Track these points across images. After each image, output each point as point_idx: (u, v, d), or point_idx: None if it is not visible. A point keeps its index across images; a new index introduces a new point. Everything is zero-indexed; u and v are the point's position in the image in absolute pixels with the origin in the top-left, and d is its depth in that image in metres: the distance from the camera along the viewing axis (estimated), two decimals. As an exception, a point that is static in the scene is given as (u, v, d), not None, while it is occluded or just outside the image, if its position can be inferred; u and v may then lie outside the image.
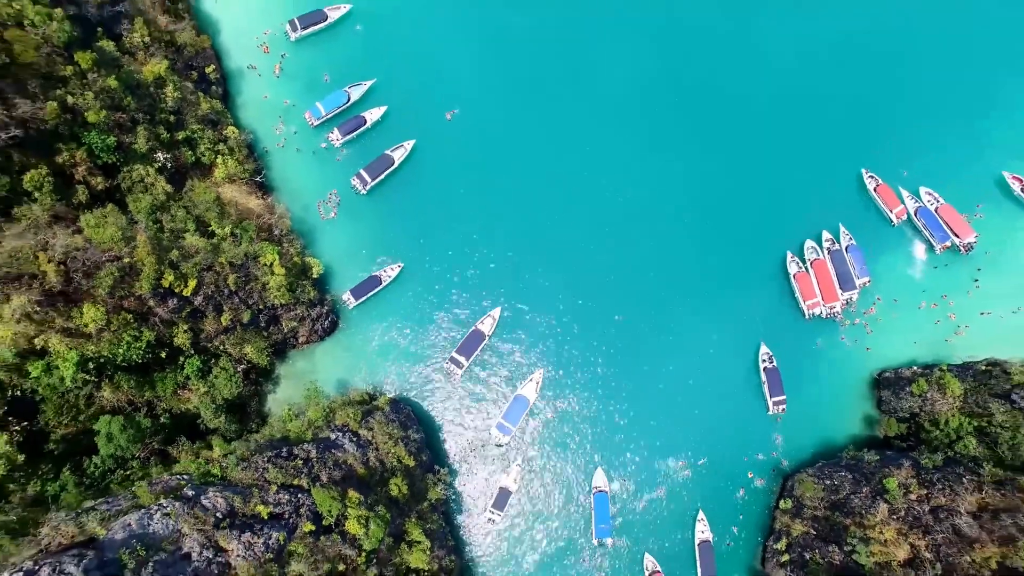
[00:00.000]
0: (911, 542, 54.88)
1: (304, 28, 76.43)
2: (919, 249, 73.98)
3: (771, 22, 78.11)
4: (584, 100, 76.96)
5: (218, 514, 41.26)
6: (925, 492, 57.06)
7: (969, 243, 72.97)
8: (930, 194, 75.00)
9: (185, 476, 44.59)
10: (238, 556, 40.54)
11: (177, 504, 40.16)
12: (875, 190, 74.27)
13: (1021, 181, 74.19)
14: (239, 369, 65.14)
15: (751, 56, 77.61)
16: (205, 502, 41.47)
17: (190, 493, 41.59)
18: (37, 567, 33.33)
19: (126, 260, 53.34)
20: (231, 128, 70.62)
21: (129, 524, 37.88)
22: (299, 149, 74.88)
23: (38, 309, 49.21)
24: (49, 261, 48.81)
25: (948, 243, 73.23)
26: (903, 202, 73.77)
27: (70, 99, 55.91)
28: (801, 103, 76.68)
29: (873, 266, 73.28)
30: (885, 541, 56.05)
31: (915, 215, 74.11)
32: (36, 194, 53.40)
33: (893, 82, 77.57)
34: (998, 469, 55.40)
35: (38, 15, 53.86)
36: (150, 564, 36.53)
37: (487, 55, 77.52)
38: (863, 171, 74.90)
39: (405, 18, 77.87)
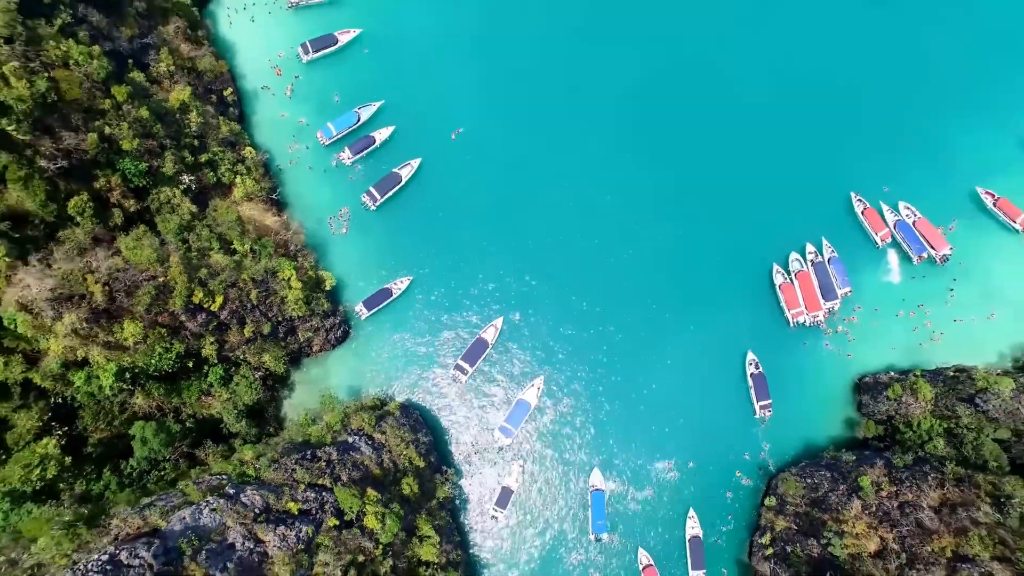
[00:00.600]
0: (880, 535, 61.80)
1: (315, 51, 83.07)
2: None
3: (763, 51, 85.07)
4: (582, 120, 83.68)
5: (256, 510, 48.11)
6: (895, 489, 63.97)
7: (945, 255, 79.72)
8: (908, 208, 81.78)
9: (224, 476, 51.43)
10: (274, 547, 47.41)
11: (221, 501, 47.03)
12: (863, 213, 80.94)
13: (993, 196, 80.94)
14: (257, 376, 71.93)
15: (744, 80, 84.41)
16: (244, 499, 48.33)
17: (231, 491, 48.47)
18: (117, 551, 40.18)
19: (161, 279, 60.06)
20: (248, 149, 77.26)
21: (184, 517, 44.73)
22: (311, 167, 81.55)
23: (85, 325, 55.82)
24: (96, 282, 55.47)
25: (925, 255, 79.99)
26: (888, 226, 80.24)
27: (107, 129, 62.54)
28: (789, 124, 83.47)
29: (854, 277, 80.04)
30: (857, 534, 62.94)
31: (894, 228, 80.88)
32: (78, 218, 60.12)
33: (877, 105, 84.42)
34: (959, 467, 62.35)
35: (81, 55, 60.37)
36: (203, 552, 43.37)
37: (489, 77, 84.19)
38: (852, 194, 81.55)
39: (411, 42, 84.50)
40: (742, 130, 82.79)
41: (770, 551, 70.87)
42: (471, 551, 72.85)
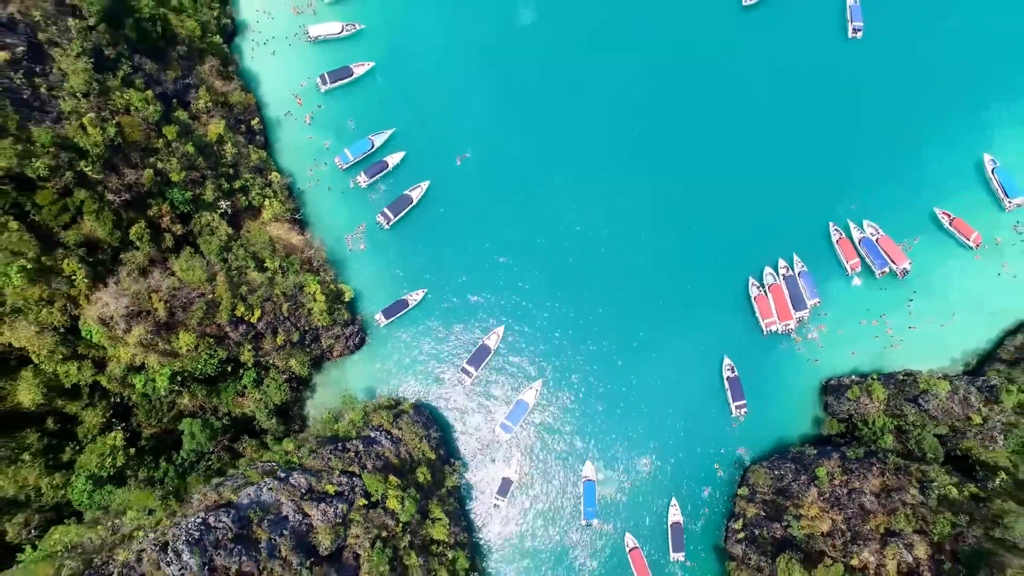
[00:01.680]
0: (831, 517, 75.66)
1: (332, 82, 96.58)
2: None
3: (745, 88, 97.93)
4: (579, 146, 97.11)
5: (302, 490, 61.88)
6: (846, 478, 77.82)
7: (904, 269, 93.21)
8: (872, 226, 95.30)
9: (274, 463, 65.28)
10: (318, 520, 61.18)
11: (276, 482, 60.81)
12: (837, 242, 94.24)
13: (949, 216, 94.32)
14: (284, 379, 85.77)
15: (728, 114, 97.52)
16: (292, 481, 62.12)
17: (282, 475, 62.26)
18: (207, 516, 54.00)
19: (209, 296, 73.84)
20: (274, 173, 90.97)
21: (249, 494, 58.46)
22: (330, 188, 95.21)
23: (149, 336, 69.60)
24: (159, 300, 69.23)
25: (886, 269, 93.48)
26: (859, 256, 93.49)
27: (160, 164, 76.22)
28: (766, 152, 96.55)
29: (822, 289, 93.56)
30: (812, 517, 76.77)
31: (859, 244, 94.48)
32: (138, 243, 73.95)
33: (849, 134, 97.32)
34: (900, 459, 76.25)
35: (140, 101, 73.93)
36: (265, 520, 57.13)
37: (490, 108, 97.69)
38: (830, 224, 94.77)
39: (421, 74, 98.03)
40: (721, 162, 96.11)
41: (742, 535, 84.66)
42: (476, 533, 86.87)
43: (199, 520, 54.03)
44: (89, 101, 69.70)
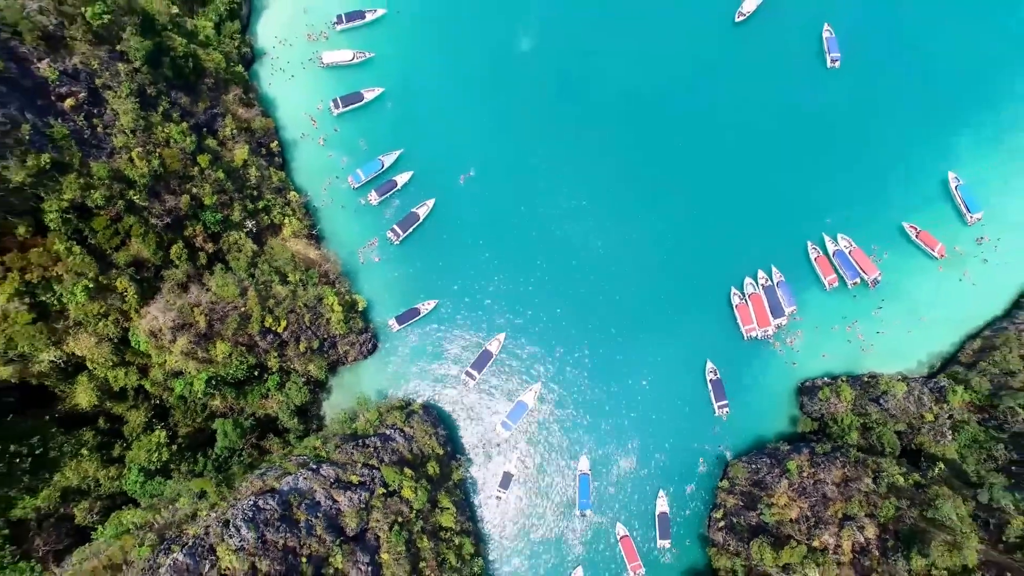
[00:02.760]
0: (798, 505, 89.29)
1: (345, 106, 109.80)
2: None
3: (727, 116, 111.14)
4: (574, 165, 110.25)
5: (331, 479, 75.34)
6: (813, 471, 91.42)
7: (875, 279, 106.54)
8: (846, 239, 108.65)
9: (305, 456, 78.85)
10: (345, 505, 74.68)
11: (309, 472, 74.33)
12: (815, 260, 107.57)
13: (916, 229, 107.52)
14: (304, 382, 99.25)
15: (713, 134, 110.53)
16: (323, 472, 75.66)
17: (314, 467, 75.81)
18: (256, 500, 67.49)
19: (242, 309, 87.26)
20: (293, 193, 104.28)
21: (289, 482, 71.94)
22: (343, 206, 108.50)
23: (191, 346, 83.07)
24: (200, 313, 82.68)
25: (858, 279, 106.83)
26: (836, 273, 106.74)
27: (194, 190, 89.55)
28: (747, 170, 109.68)
29: (799, 298, 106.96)
30: (782, 506, 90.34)
31: (833, 256, 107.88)
32: (177, 261, 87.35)
33: (824, 152, 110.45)
34: (860, 452, 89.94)
35: (179, 134, 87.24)
36: (303, 504, 70.63)
37: (492, 130, 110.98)
38: (808, 243, 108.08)
39: (427, 99, 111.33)
40: (706, 180, 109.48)
41: (722, 523, 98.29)
42: (479, 522, 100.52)
43: (251, 503, 67.51)
44: (136, 136, 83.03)
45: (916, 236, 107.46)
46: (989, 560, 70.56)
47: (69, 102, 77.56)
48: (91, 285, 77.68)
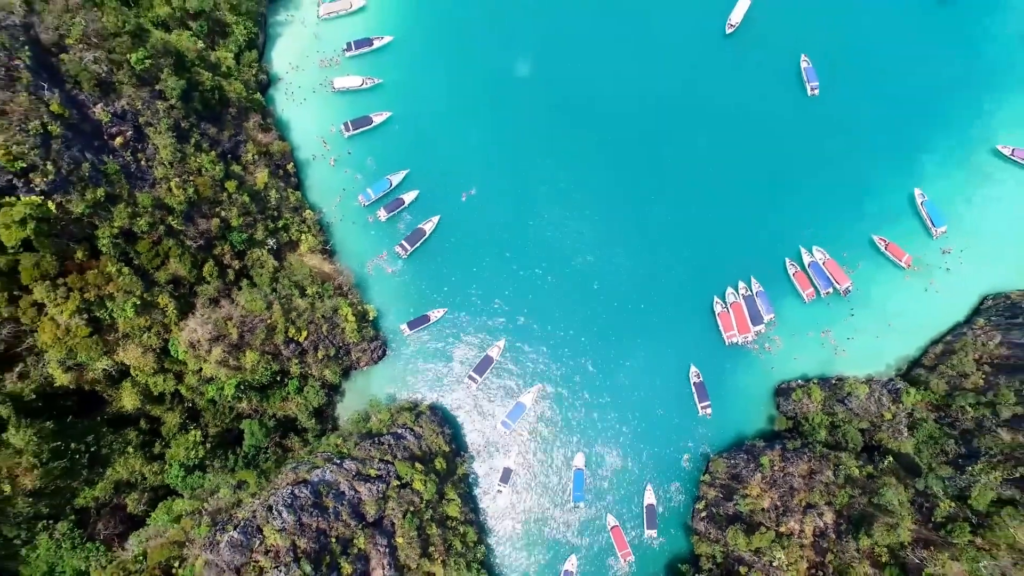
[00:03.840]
0: (769, 496, 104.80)
1: (355, 129, 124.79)
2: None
3: (718, 133, 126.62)
4: (567, 183, 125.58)
5: (352, 472, 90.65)
6: (783, 465, 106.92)
7: (847, 288, 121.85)
8: (821, 252, 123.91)
9: (329, 452, 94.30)
10: (365, 495, 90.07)
11: (334, 466, 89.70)
12: (794, 275, 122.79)
13: (885, 241, 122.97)
14: (320, 385, 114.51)
15: (699, 156, 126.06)
16: (345, 466, 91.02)
17: (337, 461, 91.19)
18: (292, 488, 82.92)
19: (268, 321, 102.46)
20: (308, 211, 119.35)
21: (318, 475, 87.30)
22: (354, 222, 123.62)
23: (224, 355, 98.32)
24: (233, 326, 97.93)
25: (831, 289, 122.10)
26: (814, 287, 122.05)
27: (223, 213, 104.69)
28: (729, 188, 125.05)
29: (777, 306, 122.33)
30: (755, 496, 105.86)
31: (808, 267, 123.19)
32: (209, 278, 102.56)
33: (801, 172, 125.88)
34: (824, 448, 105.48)
35: (209, 163, 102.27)
36: (330, 494, 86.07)
37: (491, 149, 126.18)
38: (787, 260, 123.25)
39: (431, 122, 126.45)
40: (690, 199, 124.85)
41: (704, 514, 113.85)
42: (482, 514, 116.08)
43: (289, 491, 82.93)
44: (174, 168, 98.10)
45: (885, 248, 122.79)
46: (919, 537, 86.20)
47: (118, 140, 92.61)
48: (138, 302, 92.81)
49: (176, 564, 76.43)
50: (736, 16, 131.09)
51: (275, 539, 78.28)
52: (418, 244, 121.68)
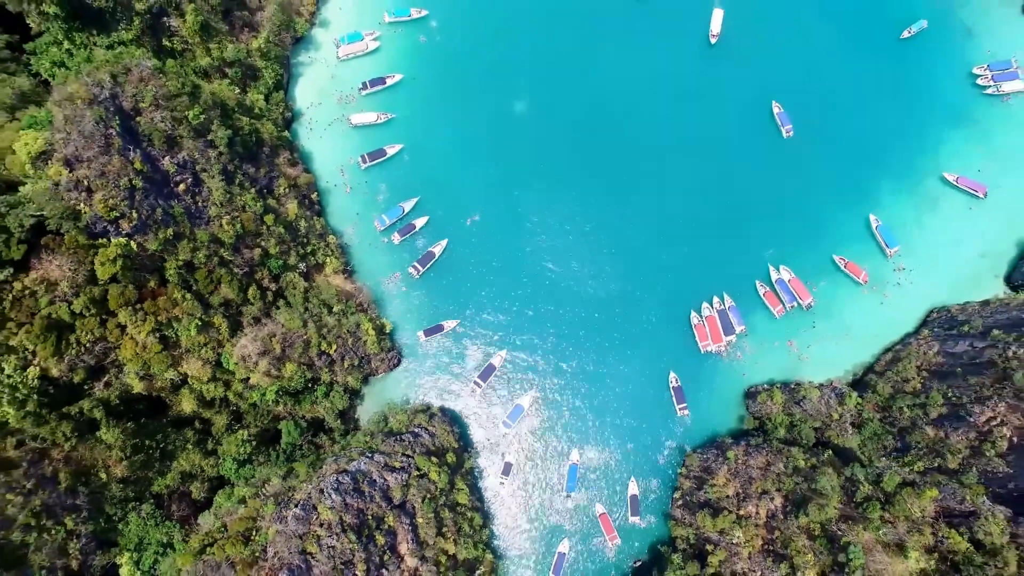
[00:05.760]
0: (733, 485, 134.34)
1: (371, 161, 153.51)
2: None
3: (699, 168, 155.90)
4: (560, 209, 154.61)
5: (381, 464, 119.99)
6: (745, 458, 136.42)
7: (809, 303, 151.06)
8: (787, 270, 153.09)
9: (360, 448, 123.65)
10: (392, 483, 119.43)
11: (367, 459, 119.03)
12: (764, 295, 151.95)
13: (844, 260, 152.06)
14: (343, 390, 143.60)
15: (680, 186, 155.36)
16: (376, 459, 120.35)
17: (369, 455, 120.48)
18: (337, 476, 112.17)
19: (304, 337, 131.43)
20: (331, 236, 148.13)
21: (354, 466, 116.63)
22: (371, 245, 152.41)
23: (269, 366, 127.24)
24: (277, 342, 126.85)
25: (794, 304, 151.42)
26: (782, 304, 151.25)
27: (263, 243, 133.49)
28: (704, 216, 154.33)
29: (747, 319, 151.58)
30: (722, 485, 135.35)
31: (775, 284, 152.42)
32: (252, 300, 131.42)
33: (770, 201, 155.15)
34: (780, 443, 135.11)
35: (251, 200, 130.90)
36: (365, 481, 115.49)
37: (493, 178, 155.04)
38: (757, 282, 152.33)
39: (439, 153, 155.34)
40: (670, 225, 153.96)
41: (680, 502, 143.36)
42: (486, 502, 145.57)
43: (335, 478, 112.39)
44: (225, 207, 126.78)
45: (845, 266, 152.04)
46: (844, 514, 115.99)
47: (181, 187, 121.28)
48: (199, 322, 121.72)
49: (253, 533, 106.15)
50: (715, 27, 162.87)
51: (327, 515, 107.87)
52: (429, 265, 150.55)
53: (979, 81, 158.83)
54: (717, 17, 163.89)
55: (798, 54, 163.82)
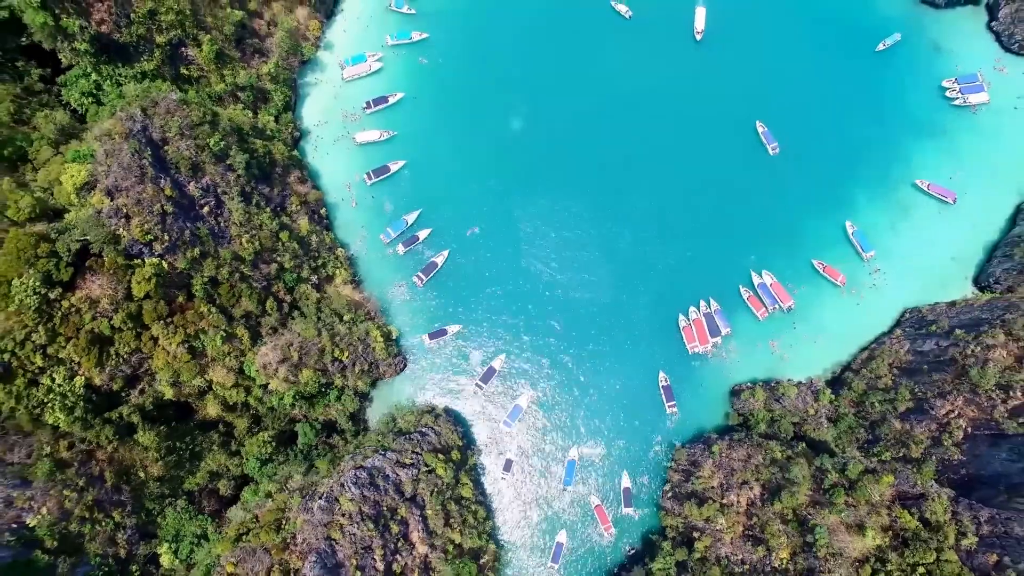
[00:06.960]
0: (717, 476, 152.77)
1: (376, 177, 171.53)
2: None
3: (688, 181, 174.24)
4: (555, 221, 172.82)
5: (393, 461, 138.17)
6: (728, 451, 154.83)
7: (789, 306, 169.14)
8: (769, 275, 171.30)
9: (374, 445, 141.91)
10: (403, 477, 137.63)
11: (380, 456, 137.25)
12: (748, 299, 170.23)
13: (823, 264, 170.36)
14: (353, 393, 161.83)
15: (667, 199, 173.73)
16: (388, 456, 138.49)
17: (382, 453, 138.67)
18: (355, 471, 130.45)
19: (319, 345, 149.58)
20: (340, 249, 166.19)
21: (370, 462, 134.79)
22: (377, 256, 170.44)
23: (287, 374, 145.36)
24: (295, 351, 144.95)
25: (776, 307, 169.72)
26: (765, 307, 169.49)
27: (278, 259, 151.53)
28: (692, 225, 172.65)
29: (732, 321, 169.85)
30: (707, 477, 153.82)
31: (758, 288, 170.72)
32: (270, 311, 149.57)
33: (754, 211, 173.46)
34: (760, 437, 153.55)
35: (267, 219, 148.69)
36: (380, 476, 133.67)
37: (491, 192, 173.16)
38: (740, 287, 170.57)
39: (440, 168, 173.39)
40: (659, 233, 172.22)
41: (670, 494, 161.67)
42: (489, 496, 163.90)
43: (353, 474, 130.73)
44: (244, 226, 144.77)
45: (823, 270, 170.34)
46: (813, 500, 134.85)
47: (206, 209, 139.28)
48: (224, 334, 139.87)
49: (283, 522, 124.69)
50: (700, 23, 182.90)
51: (348, 505, 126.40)
52: (432, 275, 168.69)
53: (948, 94, 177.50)
54: (700, 15, 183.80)
55: (779, 64, 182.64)
